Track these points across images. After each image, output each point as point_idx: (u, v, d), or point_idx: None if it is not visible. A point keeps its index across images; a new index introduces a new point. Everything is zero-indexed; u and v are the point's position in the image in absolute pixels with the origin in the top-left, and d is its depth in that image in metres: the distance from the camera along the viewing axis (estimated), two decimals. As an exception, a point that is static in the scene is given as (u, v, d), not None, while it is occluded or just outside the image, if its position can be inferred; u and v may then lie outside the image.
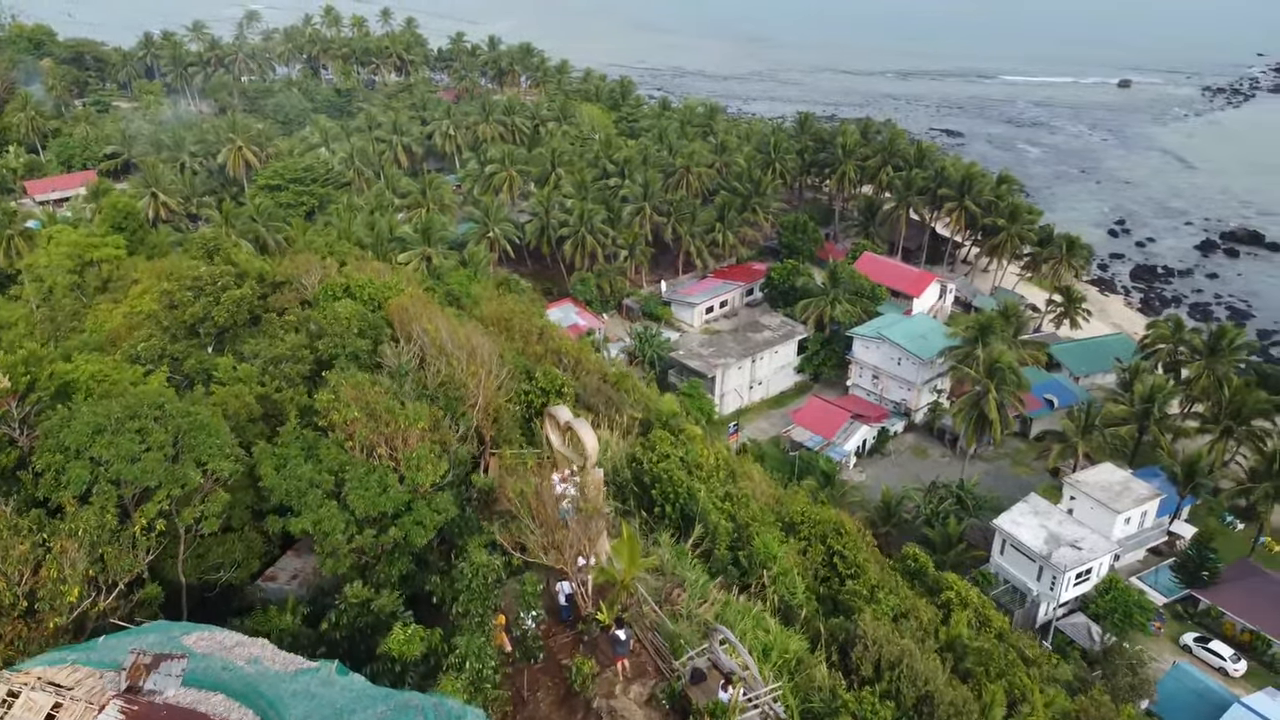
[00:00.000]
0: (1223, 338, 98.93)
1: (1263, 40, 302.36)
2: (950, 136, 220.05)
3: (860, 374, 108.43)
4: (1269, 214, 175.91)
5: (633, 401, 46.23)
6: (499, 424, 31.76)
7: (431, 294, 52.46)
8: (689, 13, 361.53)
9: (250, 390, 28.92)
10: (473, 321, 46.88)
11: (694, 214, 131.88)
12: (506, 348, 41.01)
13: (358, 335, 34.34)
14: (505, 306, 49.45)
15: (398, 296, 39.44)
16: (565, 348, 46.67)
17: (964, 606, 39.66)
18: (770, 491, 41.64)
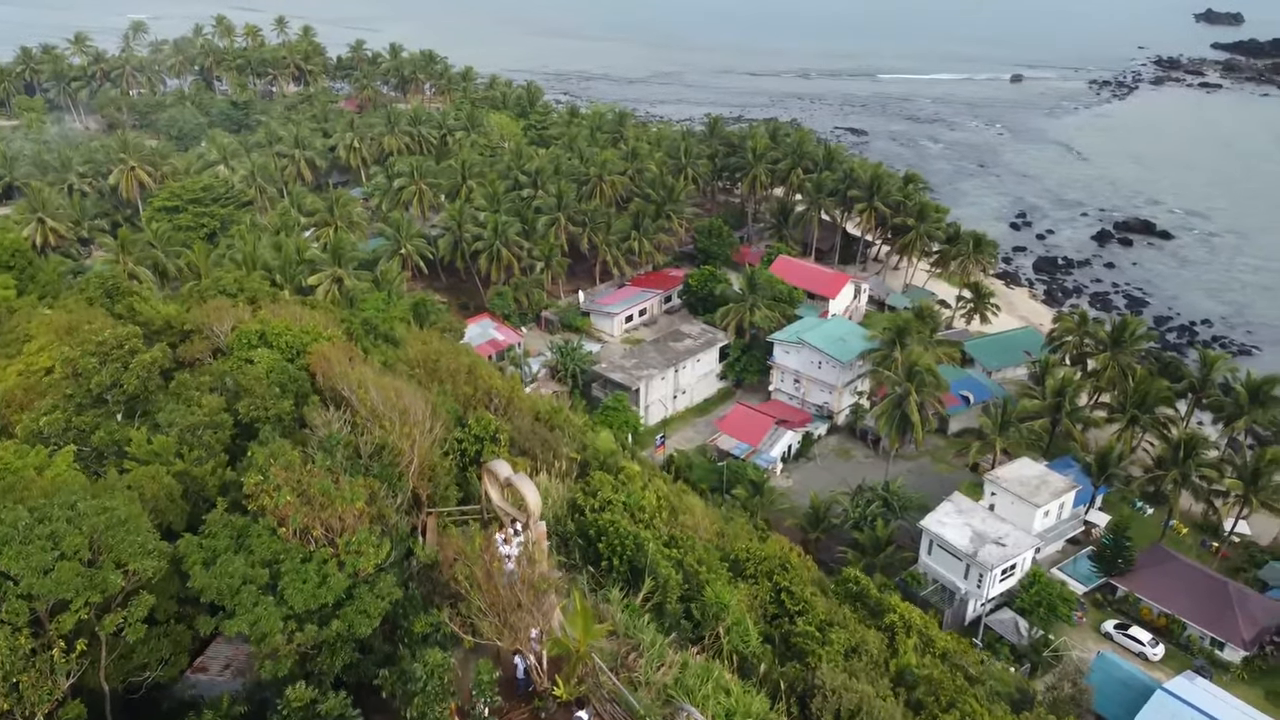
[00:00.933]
0: (1125, 329, 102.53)
1: (1143, 34, 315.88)
2: (855, 135, 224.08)
3: (782, 379, 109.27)
4: (1157, 203, 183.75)
5: (569, 438, 45.29)
6: (435, 481, 30.55)
7: (351, 336, 50.50)
8: (589, 16, 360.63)
9: (168, 469, 26.97)
10: (399, 363, 45.34)
11: (609, 223, 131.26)
12: (436, 390, 39.68)
13: (279, 394, 32.60)
14: (431, 347, 47.86)
15: (318, 344, 37.70)
16: (496, 387, 45.39)
17: (908, 631, 39.92)
18: (712, 527, 41.28)
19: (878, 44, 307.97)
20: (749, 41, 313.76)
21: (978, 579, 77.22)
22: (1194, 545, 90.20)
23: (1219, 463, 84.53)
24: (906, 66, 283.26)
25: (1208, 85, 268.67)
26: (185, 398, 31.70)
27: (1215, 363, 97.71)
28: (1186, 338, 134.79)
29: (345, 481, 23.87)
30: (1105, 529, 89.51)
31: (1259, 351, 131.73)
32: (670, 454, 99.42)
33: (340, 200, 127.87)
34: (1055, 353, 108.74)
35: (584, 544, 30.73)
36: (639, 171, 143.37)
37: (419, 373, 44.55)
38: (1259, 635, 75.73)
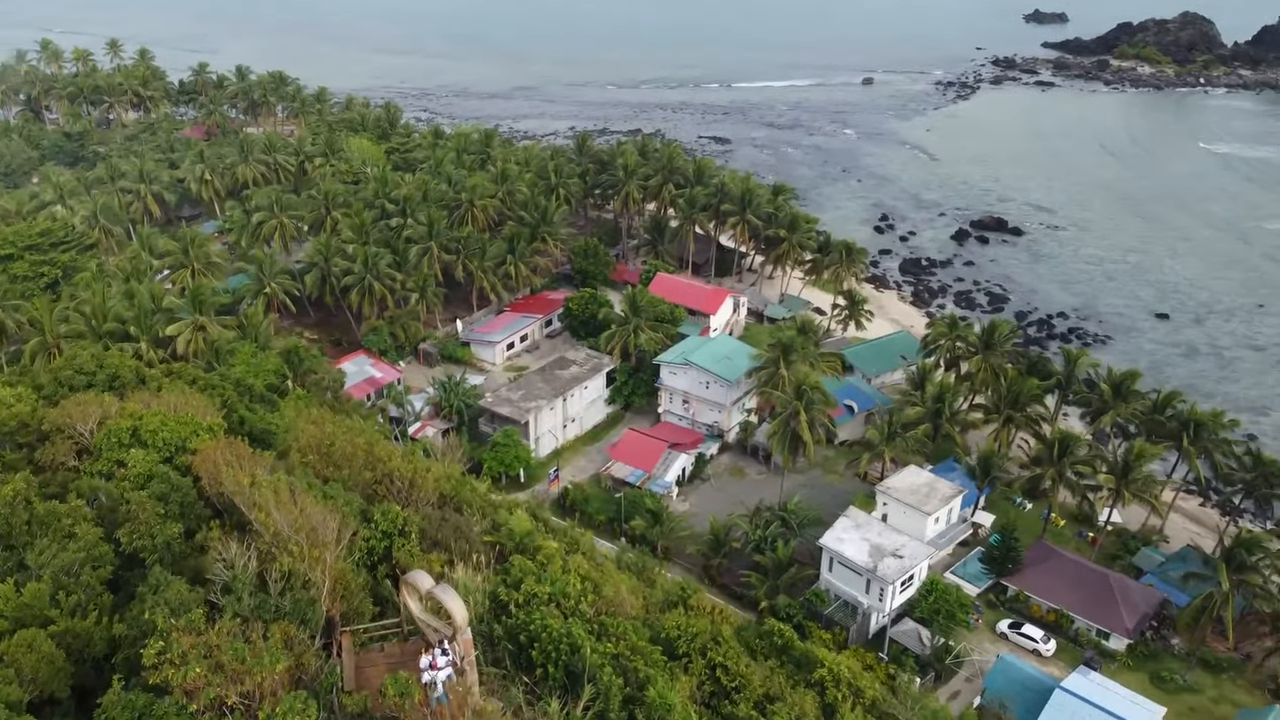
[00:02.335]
0: (994, 331, 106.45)
1: (979, 35, 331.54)
2: (719, 143, 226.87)
3: (671, 400, 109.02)
4: (1007, 200, 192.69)
5: (479, 513, 43.10)
6: (348, 599, 28.26)
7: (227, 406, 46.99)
8: (431, 31, 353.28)
9: (46, 631, 23.71)
10: (290, 449, 42.24)
11: (483, 249, 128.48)
12: (334, 482, 37.06)
13: (163, 515, 29.48)
14: (324, 430, 44.76)
15: (200, 439, 34.53)
16: (396, 469, 42.75)
17: (837, 683, 39.65)
18: (638, 602, 40.00)
19: (727, 53, 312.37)
20: (600, 54, 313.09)
21: (879, 593, 78.54)
22: (1072, 536, 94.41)
23: (1092, 459, 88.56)
24: (761, 73, 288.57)
25: (1042, 83, 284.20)
26: (57, 529, 28.34)
27: (1079, 360, 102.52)
28: (1046, 331, 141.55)
29: (260, 640, 21.49)
30: (991, 528, 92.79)
31: (1111, 340, 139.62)
32: (565, 486, 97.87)
33: (196, 241, 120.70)
34: (930, 357, 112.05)
35: (514, 649, 29.00)
36: (510, 194, 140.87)
37: (313, 459, 41.74)
38: (1140, 622, 79.63)
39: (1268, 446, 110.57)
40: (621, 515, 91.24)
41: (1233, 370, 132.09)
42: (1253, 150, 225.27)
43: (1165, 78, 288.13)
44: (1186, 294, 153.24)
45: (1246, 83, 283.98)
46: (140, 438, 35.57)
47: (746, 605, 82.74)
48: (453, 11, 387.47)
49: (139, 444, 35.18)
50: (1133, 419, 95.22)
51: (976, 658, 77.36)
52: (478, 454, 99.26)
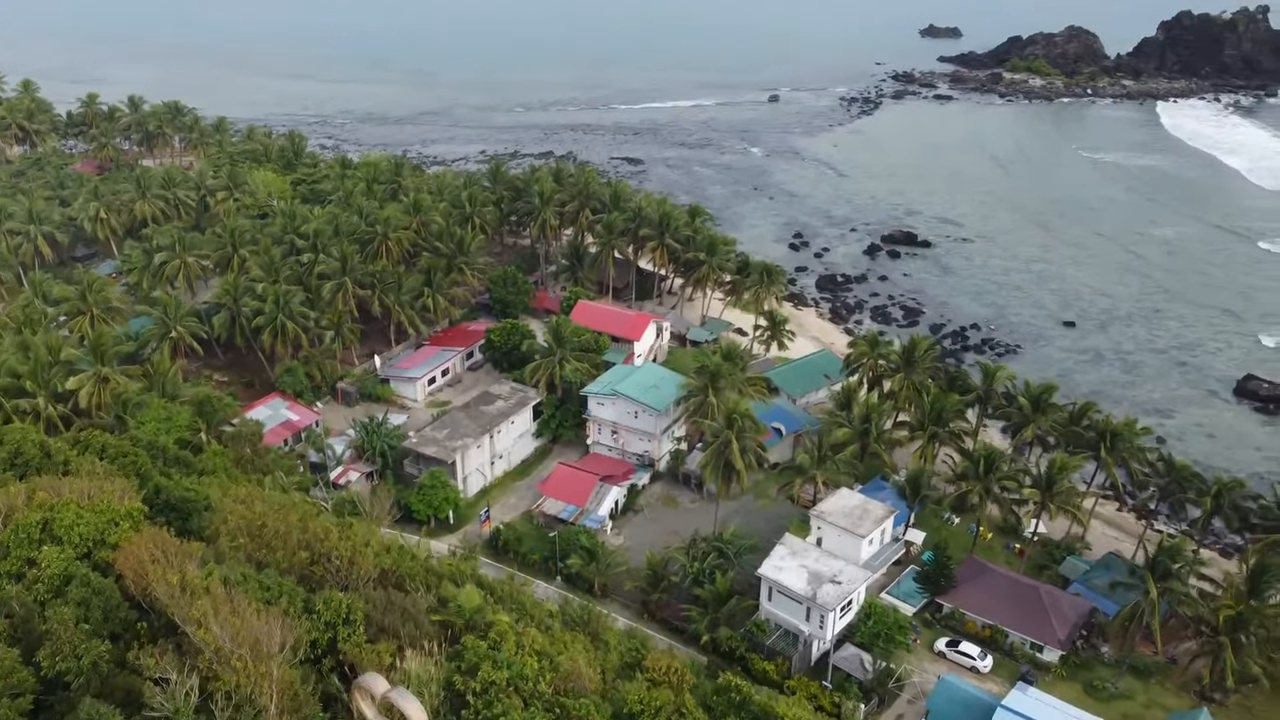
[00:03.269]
0: (915, 349, 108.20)
1: (878, 50, 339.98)
2: (631, 164, 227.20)
3: (599, 431, 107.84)
4: (915, 213, 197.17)
5: (424, 587, 41.19)
6: (296, 710, 26.38)
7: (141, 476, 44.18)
8: (343, 55, 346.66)
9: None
10: (219, 534, 39.73)
11: (399, 282, 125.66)
12: (267, 560, 34.95)
13: (87, 630, 27.07)
14: (255, 511, 42.15)
15: (121, 532, 32.05)
16: (334, 548, 40.48)
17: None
18: (594, 673, 38.67)
19: (634, 73, 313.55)
20: (507, 75, 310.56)
21: (819, 620, 78.61)
22: (1000, 549, 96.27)
23: (1017, 473, 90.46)
24: (669, 93, 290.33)
25: (941, 97, 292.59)
26: (-35, 654, 25.81)
27: (996, 374, 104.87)
28: (960, 343, 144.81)
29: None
30: (922, 546, 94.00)
31: (1022, 349, 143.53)
32: (497, 527, 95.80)
33: (93, 284, 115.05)
34: (853, 375, 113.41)
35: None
36: (424, 224, 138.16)
37: (244, 543, 39.34)
38: (1071, 633, 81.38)
39: (1174, 448, 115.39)
40: (556, 554, 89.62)
41: (1137, 374, 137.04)
42: (1138, 159, 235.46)
43: (1055, 89, 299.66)
44: (1089, 301, 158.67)
45: (1130, 92, 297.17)
46: (53, 532, 32.93)
47: (688, 639, 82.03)
48: (351, 34, 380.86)
49: (52, 540, 32.53)
50: (1052, 431, 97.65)
51: (917, 679, 77.96)
52: (404, 497, 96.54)
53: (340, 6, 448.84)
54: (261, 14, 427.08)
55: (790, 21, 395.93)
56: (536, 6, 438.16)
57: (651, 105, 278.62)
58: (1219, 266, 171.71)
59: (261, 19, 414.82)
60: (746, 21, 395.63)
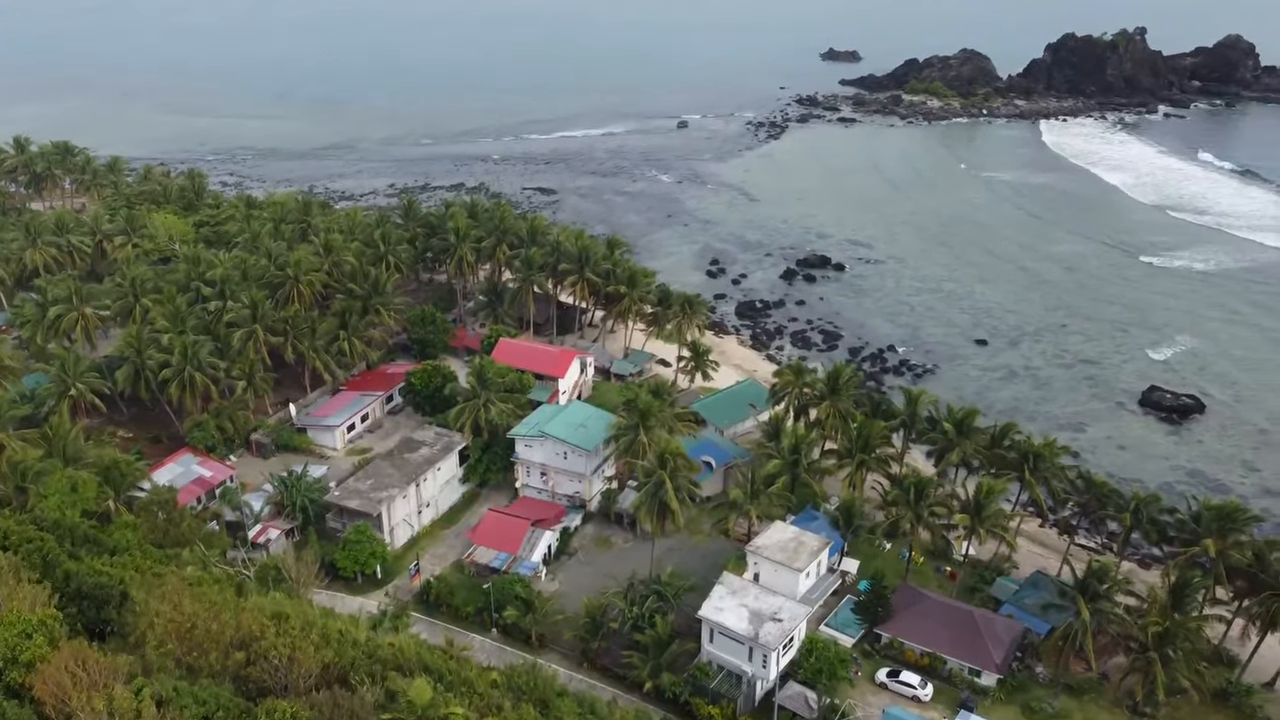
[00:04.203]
0: (839, 376, 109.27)
1: (781, 75, 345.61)
2: (544, 194, 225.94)
3: (529, 474, 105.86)
4: (826, 236, 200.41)
5: (370, 678, 38.95)
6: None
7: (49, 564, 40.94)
8: (240, 87, 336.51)
9: None
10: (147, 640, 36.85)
11: (313, 327, 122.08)
12: (200, 665, 32.49)
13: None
14: (184, 613, 39.20)
15: (35, 647, 29.28)
16: (270, 646, 37.97)
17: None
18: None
19: (542, 101, 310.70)
20: (413, 107, 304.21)
21: (763, 660, 78.09)
22: (931, 573, 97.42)
23: (946, 499, 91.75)
24: (579, 121, 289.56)
25: (845, 120, 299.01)
26: None
27: (919, 399, 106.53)
28: (880, 365, 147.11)
29: None
30: (857, 574, 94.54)
31: (939, 369, 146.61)
32: (427, 579, 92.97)
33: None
34: (779, 404, 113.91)
35: None
36: (337, 265, 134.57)
37: (173, 648, 36.65)
38: (1007, 655, 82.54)
39: (1088, 461, 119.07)
40: (491, 605, 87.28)
41: (1048, 390, 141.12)
42: (1034, 177, 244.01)
43: (953, 110, 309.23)
44: (999, 318, 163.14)
45: (1022, 112, 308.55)
46: (-43, 653, 30.02)
47: (630, 687, 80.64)
48: (249, 65, 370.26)
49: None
50: (976, 454, 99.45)
51: (861, 714, 77.98)
52: (329, 553, 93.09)
53: (233, 35, 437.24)
54: (152, 45, 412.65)
55: (694, 47, 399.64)
56: (440, 35, 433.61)
57: (562, 134, 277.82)
58: (1110, 282, 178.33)
59: (152, 50, 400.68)
60: (651, 49, 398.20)
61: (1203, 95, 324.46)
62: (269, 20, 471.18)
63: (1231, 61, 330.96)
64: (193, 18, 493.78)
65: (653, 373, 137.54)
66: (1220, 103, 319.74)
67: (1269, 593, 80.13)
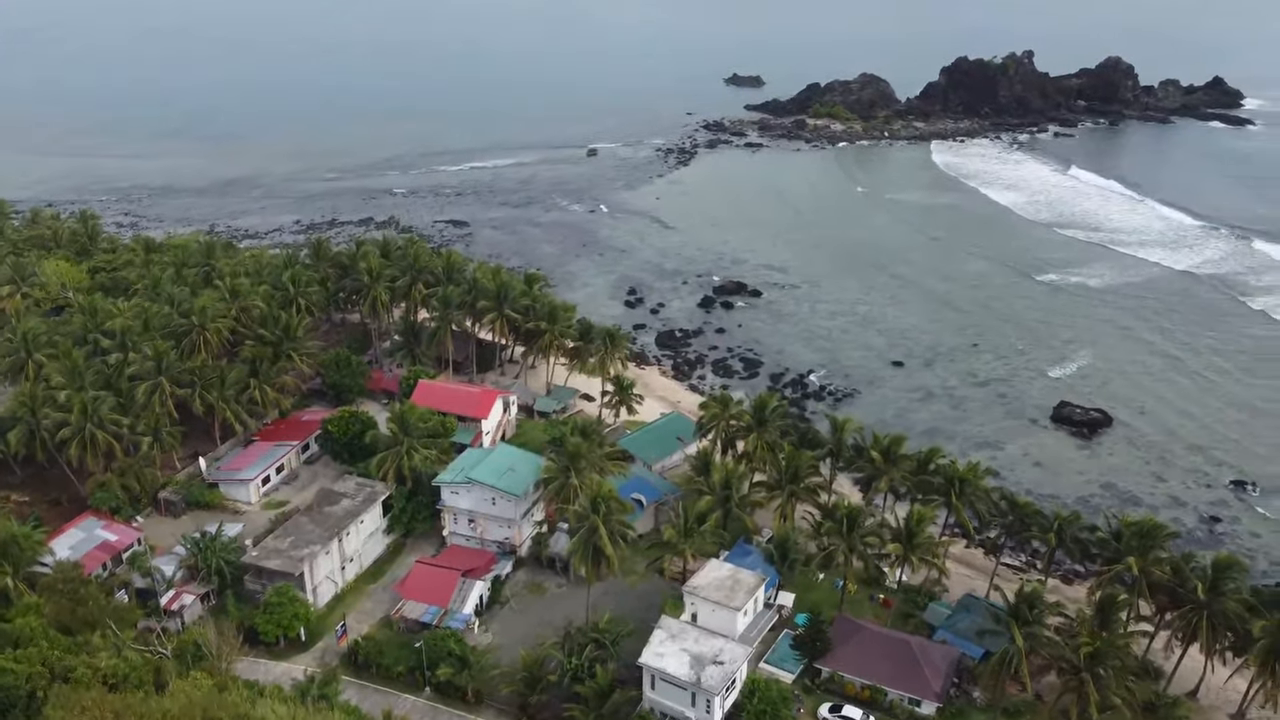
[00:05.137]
0: (765, 407, 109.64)
1: (687, 101, 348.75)
2: (457, 227, 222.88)
3: (456, 521, 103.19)
4: (741, 262, 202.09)
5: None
6: None
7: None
8: (129, 120, 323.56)
9: None
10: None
11: (221, 376, 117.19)
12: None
13: None
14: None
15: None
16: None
17: None
18: None
19: (450, 132, 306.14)
20: (316, 140, 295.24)
21: (706, 705, 77.08)
22: (865, 601, 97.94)
23: (878, 528, 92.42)
24: (488, 151, 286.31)
25: (752, 145, 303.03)
26: None
27: (845, 426, 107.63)
28: (801, 391, 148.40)
29: None
30: (793, 607, 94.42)
31: (859, 393, 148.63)
32: (355, 639, 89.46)
33: None
34: (707, 437, 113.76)
35: None
36: (244, 310, 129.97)
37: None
38: (945, 683, 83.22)
39: (1007, 479, 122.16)
40: (423, 663, 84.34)
41: (965, 409, 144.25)
42: (937, 198, 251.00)
43: (855, 133, 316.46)
44: (913, 340, 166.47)
45: (922, 134, 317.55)
46: None
47: (572, 740, 78.68)
48: (140, 96, 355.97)
49: None
50: (903, 480, 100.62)
51: (807, 752, 77.54)
52: (249, 618, 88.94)
53: (119, 66, 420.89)
54: (31, 76, 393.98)
55: (599, 75, 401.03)
56: (335, 64, 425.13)
57: (472, 165, 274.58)
58: (1014, 300, 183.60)
59: (33, 81, 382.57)
60: (559, 77, 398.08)
61: (1089, 114, 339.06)
62: (154, 52, 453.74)
63: (1113, 82, 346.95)
64: (72, 47, 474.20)
65: (577, 408, 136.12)
66: (1105, 121, 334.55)
67: (1189, 606, 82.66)
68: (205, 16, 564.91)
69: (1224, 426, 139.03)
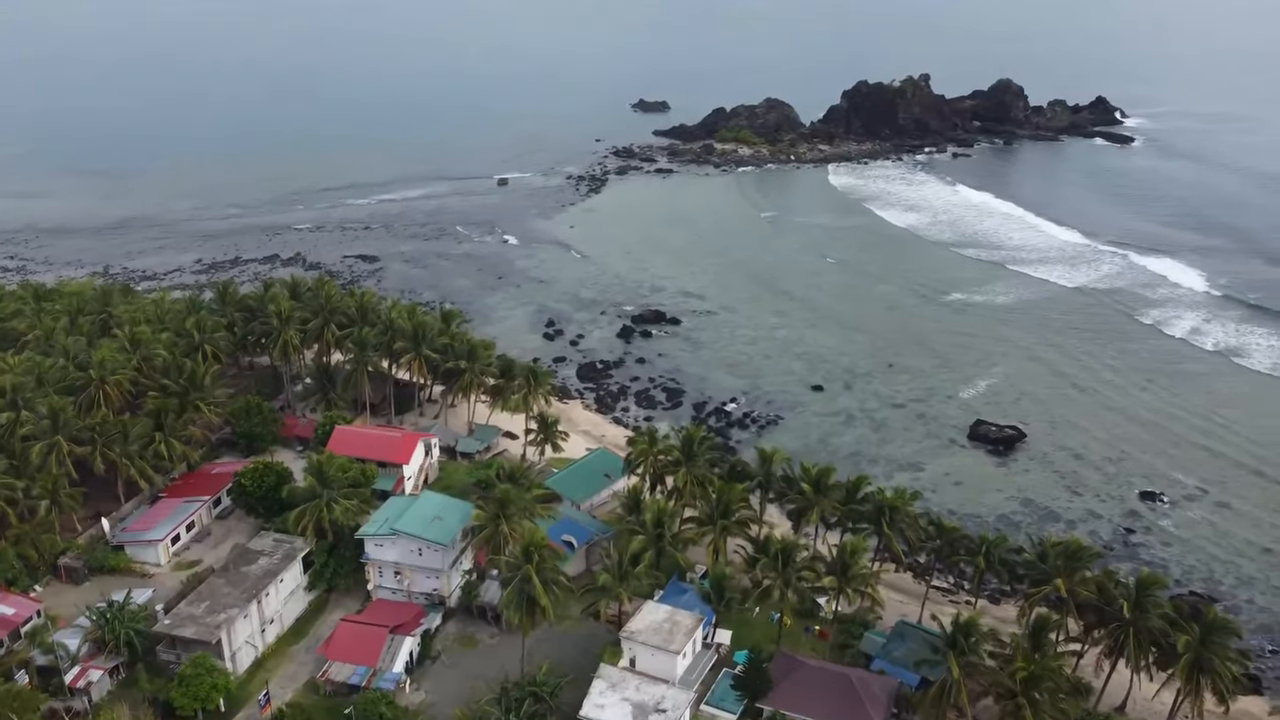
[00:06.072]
0: (693, 442, 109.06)
1: (596, 127, 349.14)
2: (366, 262, 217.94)
3: (381, 574, 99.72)
4: (659, 289, 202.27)
5: None
6: None
7: None
8: (11, 154, 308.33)
9: None
10: None
11: (124, 431, 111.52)
12: None
13: None
14: None
15: None
16: None
17: None
18: None
19: (355, 163, 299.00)
20: (215, 175, 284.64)
21: (651, 755, 75.56)
22: (800, 633, 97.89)
23: (812, 562, 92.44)
24: (395, 183, 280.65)
25: (662, 170, 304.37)
26: None
27: (773, 457, 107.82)
28: (724, 420, 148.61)
29: None
30: (731, 645, 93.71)
31: (782, 419, 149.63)
32: (279, 708, 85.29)
33: None
34: (635, 473, 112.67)
35: None
36: (146, 360, 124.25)
37: None
38: (885, 715, 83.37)
39: (929, 499, 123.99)
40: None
41: (885, 431, 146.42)
42: (845, 220, 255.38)
43: (763, 156, 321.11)
44: (832, 362, 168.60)
45: (827, 156, 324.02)
46: None
47: (514, 802, 76.24)
48: (15, 131, 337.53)
49: None
50: (833, 511, 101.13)
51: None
52: (163, 691, 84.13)
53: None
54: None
55: (508, 103, 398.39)
56: (235, 94, 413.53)
57: (380, 198, 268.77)
58: (925, 320, 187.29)
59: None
60: (466, 104, 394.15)
61: (984, 135, 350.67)
62: (32, 80, 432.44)
63: (1005, 103, 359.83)
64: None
65: (500, 448, 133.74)
66: (1000, 141, 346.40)
67: (1116, 624, 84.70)
68: (85, 40, 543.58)
69: (1129, 438, 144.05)
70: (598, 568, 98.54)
